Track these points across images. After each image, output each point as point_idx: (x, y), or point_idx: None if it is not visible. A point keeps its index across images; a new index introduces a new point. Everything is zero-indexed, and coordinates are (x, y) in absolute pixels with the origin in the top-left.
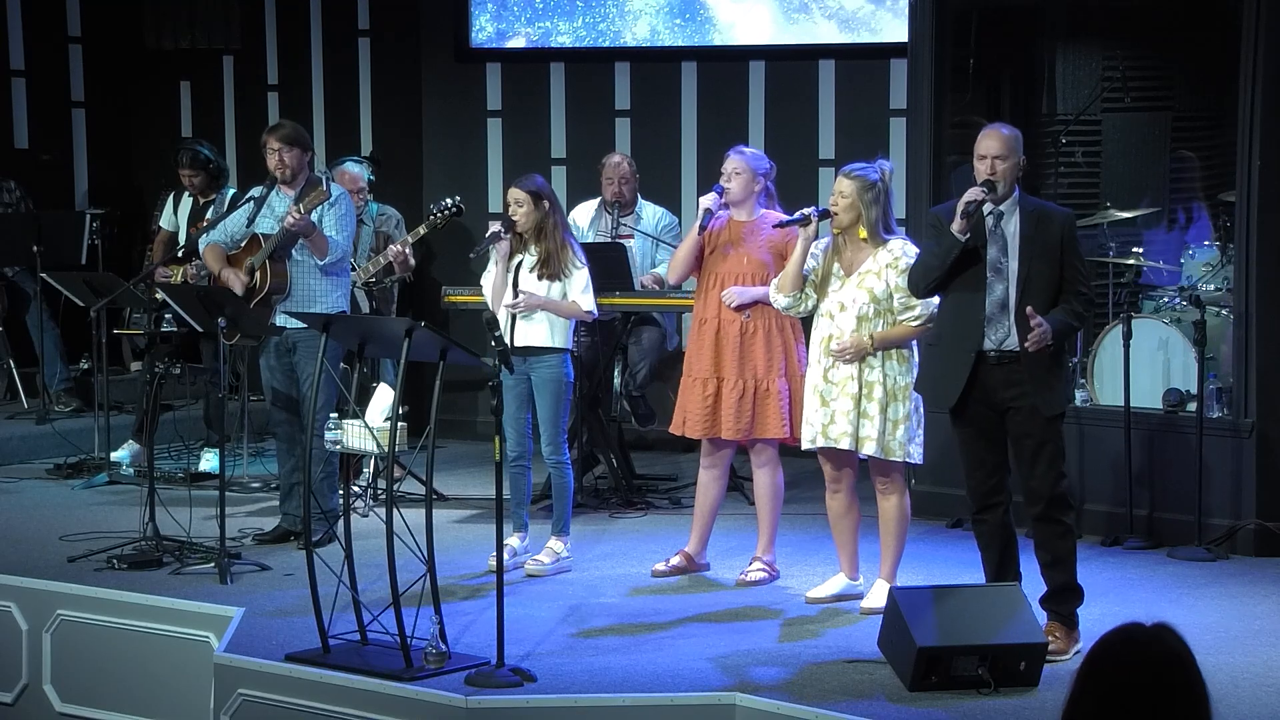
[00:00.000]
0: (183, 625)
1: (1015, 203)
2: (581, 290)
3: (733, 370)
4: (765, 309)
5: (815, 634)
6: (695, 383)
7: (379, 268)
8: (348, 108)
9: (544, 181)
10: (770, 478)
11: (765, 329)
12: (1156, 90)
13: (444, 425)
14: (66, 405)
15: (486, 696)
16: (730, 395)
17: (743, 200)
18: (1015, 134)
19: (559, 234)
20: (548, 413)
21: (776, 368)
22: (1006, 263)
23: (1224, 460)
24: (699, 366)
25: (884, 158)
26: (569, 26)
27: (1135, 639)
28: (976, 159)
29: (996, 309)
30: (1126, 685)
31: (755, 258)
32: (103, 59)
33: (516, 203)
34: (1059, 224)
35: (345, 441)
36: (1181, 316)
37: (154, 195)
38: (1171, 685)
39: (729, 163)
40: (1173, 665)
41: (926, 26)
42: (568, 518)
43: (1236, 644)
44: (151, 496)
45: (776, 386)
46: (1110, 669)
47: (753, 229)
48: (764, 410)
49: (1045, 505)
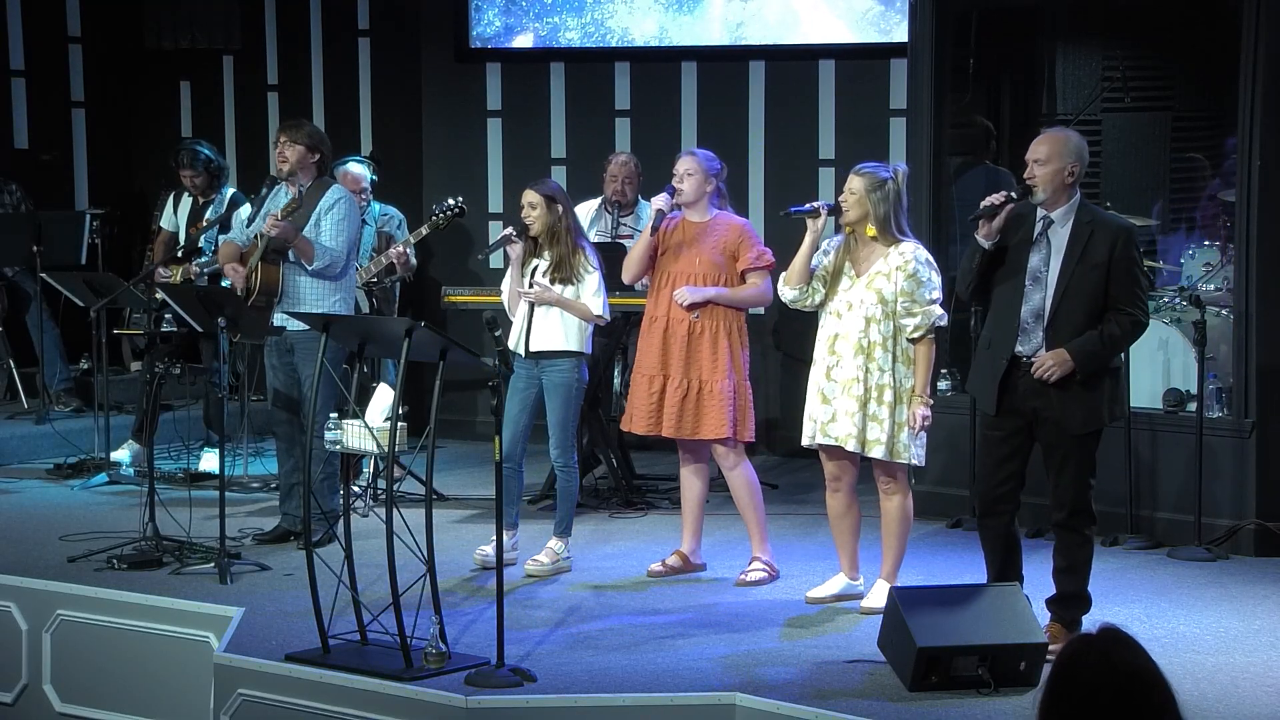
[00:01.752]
0: (183, 625)
1: (1070, 211)
2: (593, 294)
3: (678, 369)
4: (715, 310)
5: (815, 634)
6: (642, 379)
7: (380, 268)
8: (348, 108)
9: (558, 185)
10: (742, 478)
11: (713, 330)
12: (1156, 90)
13: (444, 425)
14: (66, 405)
15: (486, 696)
16: (674, 394)
17: (695, 201)
18: (1067, 138)
19: (572, 238)
20: (558, 415)
21: (722, 369)
22: (1046, 272)
23: (1224, 460)
24: (646, 363)
25: (901, 163)
26: (577, 22)
27: (1083, 662)
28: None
29: (1031, 317)
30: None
31: (707, 258)
32: (103, 59)
33: (530, 205)
34: (1111, 236)
35: (345, 441)
36: (1181, 316)
37: (154, 195)
38: (1127, 698)
39: (681, 164)
40: (1132, 679)
41: (926, 26)
42: (570, 519)
43: (1236, 644)
44: (151, 496)
45: (719, 387)
46: (1069, 701)
47: (706, 230)
48: (706, 410)
49: (1067, 514)
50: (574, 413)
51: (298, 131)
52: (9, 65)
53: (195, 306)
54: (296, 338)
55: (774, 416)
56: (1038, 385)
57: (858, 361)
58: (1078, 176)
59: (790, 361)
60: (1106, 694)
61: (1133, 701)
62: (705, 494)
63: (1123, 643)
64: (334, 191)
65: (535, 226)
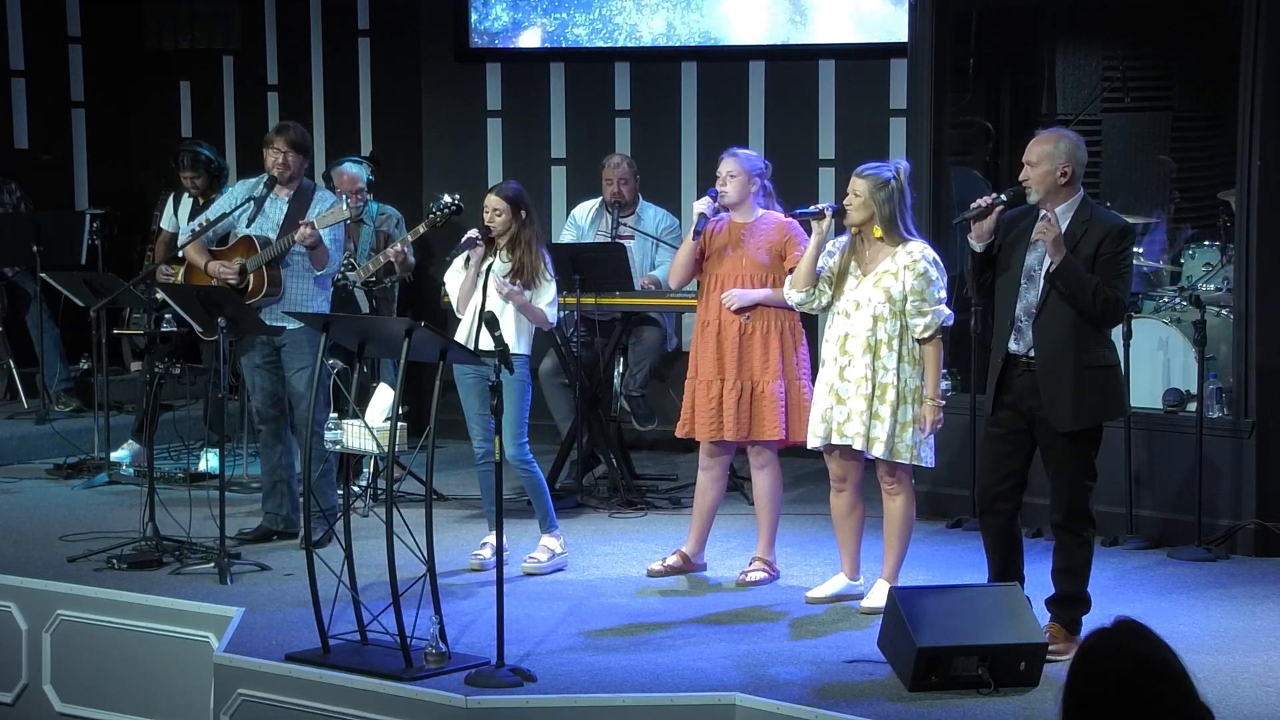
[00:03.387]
0: (183, 625)
1: (1070, 209)
2: (548, 303)
3: (731, 372)
4: (765, 311)
5: (815, 634)
6: (702, 385)
7: (379, 266)
8: (348, 108)
9: (520, 188)
10: (770, 479)
11: (764, 331)
12: (1156, 90)
13: (444, 425)
14: (66, 405)
15: (486, 696)
16: (729, 397)
17: (739, 202)
18: (1059, 139)
19: (534, 246)
20: (508, 413)
21: (773, 370)
22: (1039, 270)
23: (1224, 460)
24: (705, 369)
25: (901, 159)
26: (585, 18)
27: (1099, 655)
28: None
29: (1024, 315)
30: (1106, 705)
31: (754, 259)
32: (103, 59)
33: (495, 210)
34: (1102, 232)
35: (345, 441)
36: (1181, 316)
37: (154, 195)
38: (1146, 690)
39: (723, 165)
40: (1151, 671)
41: (926, 26)
42: (551, 513)
43: (1236, 644)
44: (151, 496)
45: (772, 389)
46: (1088, 695)
47: (751, 230)
48: (760, 412)
49: (1064, 516)
50: (522, 411)
51: (294, 135)
52: (9, 65)
53: (195, 306)
54: (285, 336)
55: None
56: (1033, 384)
57: (866, 360)
58: (1072, 176)
59: None
60: (1126, 687)
61: (1153, 693)
62: (719, 503)
63: (1140, 635)
64: (326, 197)
65: (498, 230)
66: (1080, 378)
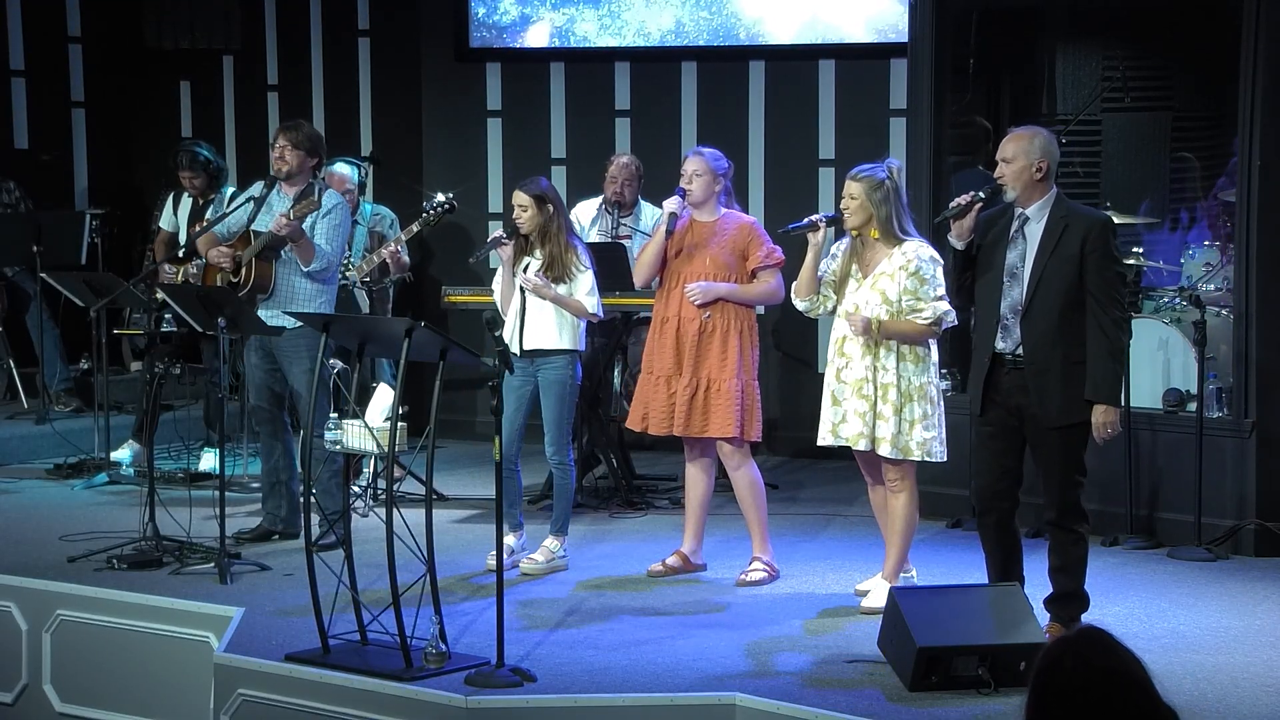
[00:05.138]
0: (183, 625)
1: (1045, 206)
2: (587, 292)
3: (688, 368)
4: (725, 309)
5: (815, 634)
6: (659, 380)
7: (373, 266)
8: (348, 108)
9: (548, 184)
10: (747, 478)
11: (724, 330)
12: (1156, 90)
13: (444, 425)
14: (66, 405)
15: (486, 696)
16: (684, 392)
17: (704, 201)
18: (1033, 135)
19: (563, 236)
20: (553, 413)
21: (731, 368)
22: (1022, 268)
23: (1224, 460)
24: (660, 364)
25: (892, 157)
26: (593, 15)
27: (1061, 665)
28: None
29: (1010, 313)
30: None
31: (717, 258)
32: (103, 59)
33: (520, 206)
34: (1084, 229)
35: (345, 441)
36: (1181, 316)
37: (154, 195)
38: (1111, 700)
39: (689, 164)
40: (1110, 680)
41: (926, 26)
42: (566, 518)
43: (1236, 644)
44: (151, 496)
45: (728, 387)
46: (1051, 705)
47: (714, 229)
48: (714, 408)
49: (1057, 513)
50: (569, 410)
51: (298, 134)
52: (9, 65)
53: (195, 306)
54: (283, 335)
55: (774, 416)
56: (1021, 382)
57: (865, 362)
58: (1047, 172)
59: (790, 361)
60: (1085, 695)
61: (1112, 703)
62: (709, 495)
63: (1099, 643)
64: (330, 197)
65: (526, 227)
66: (1068, 373)
